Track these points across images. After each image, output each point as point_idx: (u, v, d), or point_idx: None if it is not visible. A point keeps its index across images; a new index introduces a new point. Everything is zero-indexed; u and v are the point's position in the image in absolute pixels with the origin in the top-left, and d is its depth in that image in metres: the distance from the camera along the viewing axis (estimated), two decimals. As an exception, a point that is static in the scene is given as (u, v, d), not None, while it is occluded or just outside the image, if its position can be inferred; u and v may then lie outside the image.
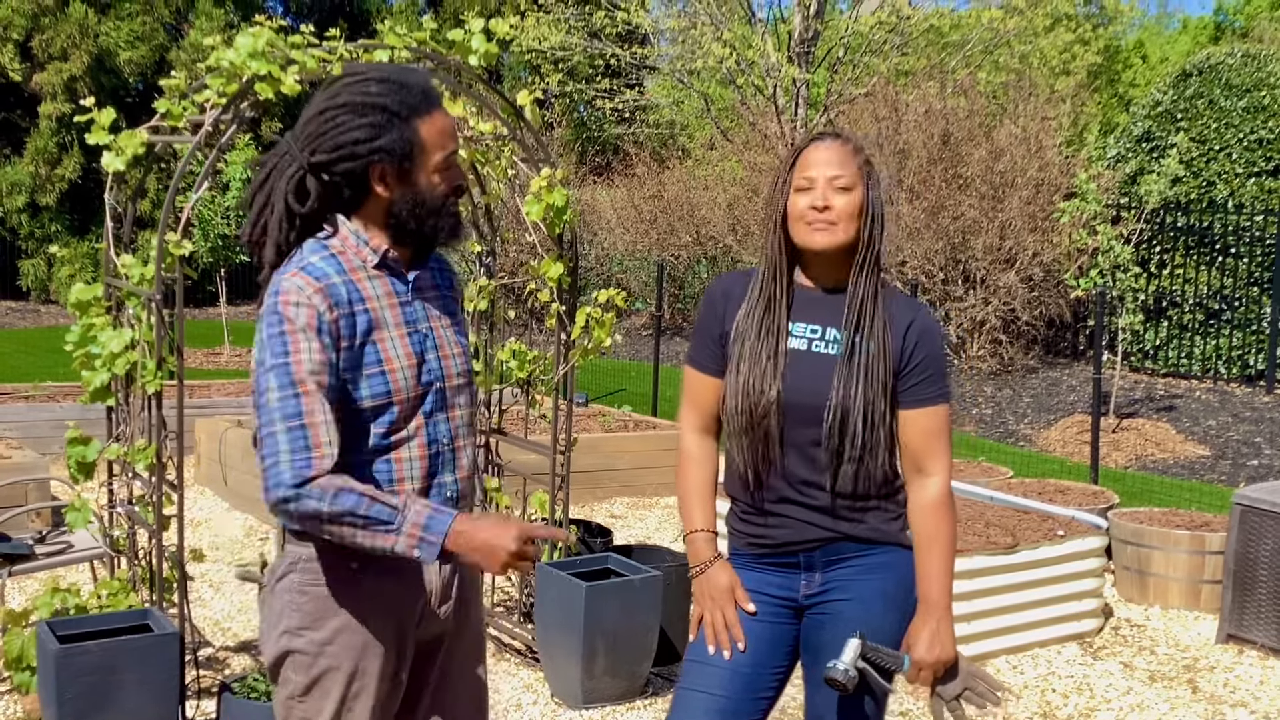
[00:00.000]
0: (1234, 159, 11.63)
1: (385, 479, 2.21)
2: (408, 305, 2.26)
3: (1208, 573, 5.66)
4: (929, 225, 12.43)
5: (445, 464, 2.29)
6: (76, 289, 3.98)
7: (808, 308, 2.44)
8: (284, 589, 2.25)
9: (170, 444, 3.92)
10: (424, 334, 2.27)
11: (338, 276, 2.17)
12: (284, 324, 2.10)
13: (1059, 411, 10.88)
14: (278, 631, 2.26)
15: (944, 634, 2.37)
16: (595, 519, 6.80)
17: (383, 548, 2.07)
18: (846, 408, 2.36)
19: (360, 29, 23.39)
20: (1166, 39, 30.94)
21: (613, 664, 4.32)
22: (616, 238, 18.22)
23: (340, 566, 2.22)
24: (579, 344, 4.67)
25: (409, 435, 2.22)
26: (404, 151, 2.17)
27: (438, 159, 2.20)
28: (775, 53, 17.30)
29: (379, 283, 2.22)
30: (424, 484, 2.25)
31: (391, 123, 2.15)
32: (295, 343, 2.09)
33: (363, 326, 2.17)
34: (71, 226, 19.74)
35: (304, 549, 2.24)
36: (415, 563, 2.26)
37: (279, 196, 2.20)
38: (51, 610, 3.88)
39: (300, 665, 2.24)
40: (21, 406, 8.53)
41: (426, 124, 2.18)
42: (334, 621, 2.23)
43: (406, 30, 4.17)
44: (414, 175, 2.20)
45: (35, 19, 19.00)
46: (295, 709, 2.28)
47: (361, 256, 2.22)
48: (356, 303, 2.17)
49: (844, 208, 2.36)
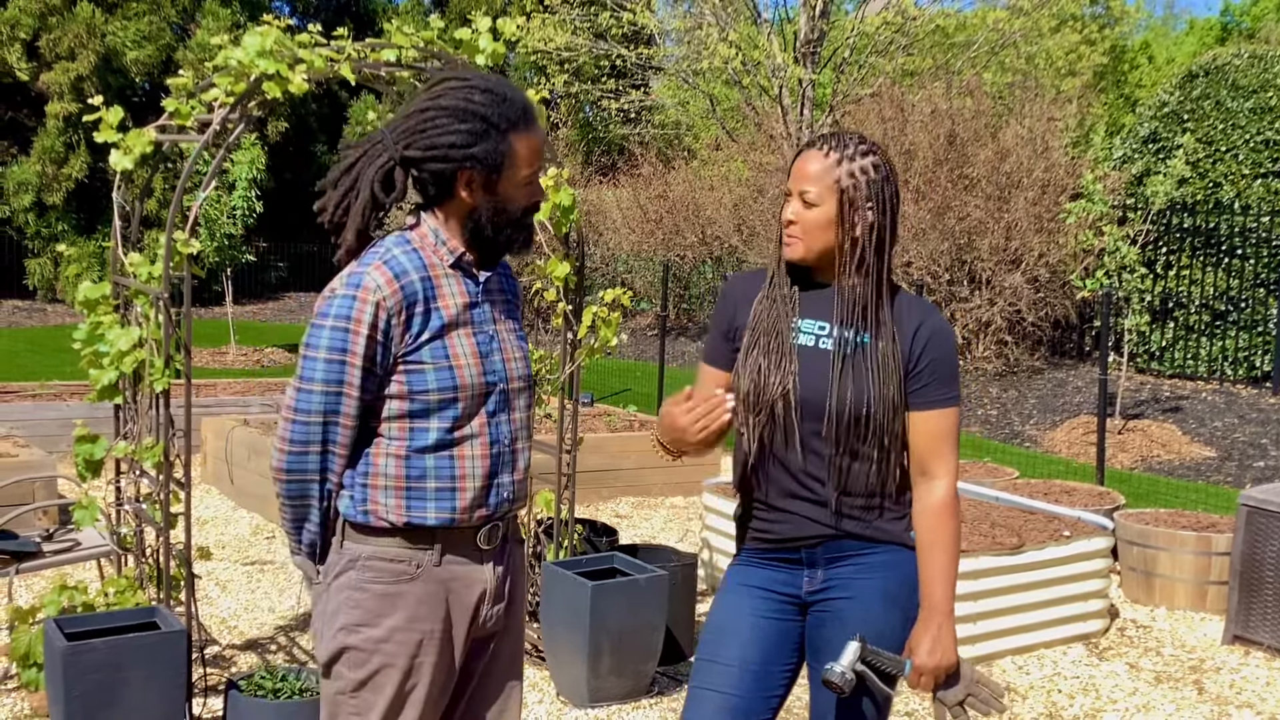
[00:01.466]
0: (1240, 160, 11.61)
1: (447, 475, 2.26)
2: (477, 306, 2.32)
3: (1214, 574, 5.65)
4: (934, 226, 12.42)
5: (505, 464, 2.34)
6: (84, 287, 3.99)
7: (815, 305, 2.45)
8: (341, 586, 2.29)
9: (178, 442, 3.93)
10: (490, 335, 2.33)
11: (416, 273, 2.24)
12: (351, 323, 2.18)
13: (1065, 412, 10.87)
14: (334, 628, 2.29)
15: (946, 639, 2.36)
16: (600, 518, 6.80)
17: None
18: (848, 404, 2.36)
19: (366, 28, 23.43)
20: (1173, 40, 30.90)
21: (618, 663, 4.32)
22: (622, 238, 18.24)
23: (399, 566, 2.27)
24: (585, 343, 4.67)
25: (473, 434, 2.28)
26: (495, 162, 2.23)
27: (525, 174, 2.27)
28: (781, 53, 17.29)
29: (453, 281, 2.29)
30: (484, 483, 2.30)
31: (489, 133, 2.21)
32: (354, 342, 2.19)
33: (435, 323, 2.24)
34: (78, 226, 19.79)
35: (363, 547, 2.28)
36: (472, 564, 2.32)
37: (365, 183, 2.26)
38: (59, 608, 3.89)
39: (355, 662, 2.28)
40: (28, 405, 8.55)
41: (521, 140, 2.24)
42: (391, 620, 2.26)
43: (414, 30, 4.17)
44: (500, 186, 2.26)
45: (42, 18, 19.04)
46: (345, 704, 2.30)
47: (439, 255, 2.29)
48: (432, 300, 2.25)
49: (807, 222, 2.38)
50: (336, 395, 2.21)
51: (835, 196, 2.36)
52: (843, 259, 2.39)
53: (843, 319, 2.40)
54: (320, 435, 2.23)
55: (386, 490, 2.25)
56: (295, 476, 2.26)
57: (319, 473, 2.26)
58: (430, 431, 2.24)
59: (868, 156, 2.38)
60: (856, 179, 2.36)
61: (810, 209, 2.37)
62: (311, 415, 2.22)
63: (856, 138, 2.40)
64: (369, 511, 2.26)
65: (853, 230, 2.37)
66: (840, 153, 2.37)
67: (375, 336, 2.19)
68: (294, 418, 2.22)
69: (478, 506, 2.30)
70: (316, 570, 2.35)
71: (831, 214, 2.37)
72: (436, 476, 2.25)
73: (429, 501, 2.25)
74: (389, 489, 2.25)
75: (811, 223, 2.37)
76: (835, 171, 2.36)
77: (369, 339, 2.19)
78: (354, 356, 2.19)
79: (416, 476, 2.25)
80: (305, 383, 2.21)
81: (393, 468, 2.25)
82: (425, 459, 2.25)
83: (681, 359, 14.93)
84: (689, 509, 7.71)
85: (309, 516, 2.30)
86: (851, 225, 2.37)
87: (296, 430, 2.23)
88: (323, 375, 2.20)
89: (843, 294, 2.40)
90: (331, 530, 2.32)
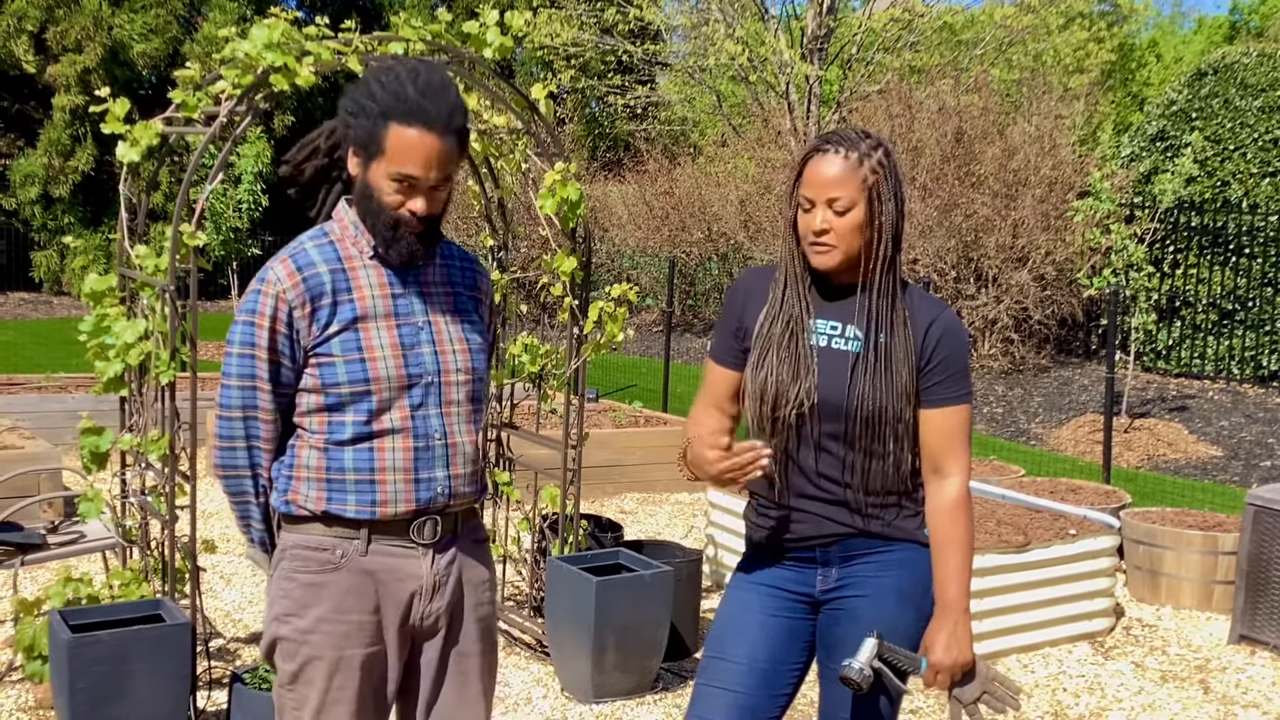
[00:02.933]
0: (1249, 159, 11.58)
1: (366, 468, 2.24)
2: (401, 297, 2.28)
3: (1220, 573, 5.64)
4: (941, 223, 12.39)
5: (436, 459, 2.28)
6: (91, 279, 3.99)
7: (830, 304, 2.43)
8: (277, 576, 2.30)
9: (183, 435, 3.93)
10: (419, 327, 2.29)
11: (325, 265, 2.24)
12: (256, 316, 2.21)
13: (1071, 411, 10.85)
14: (269, 618, 2.31)
15: (961, 636, 2.35)
16: (606, 514, 6.80)
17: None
18: (867, 403, 2.35)
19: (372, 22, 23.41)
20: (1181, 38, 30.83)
21: (623, 659, 4.32)
22: (628, 234, 18.22)
23: (324, 556, 2.25)
24: (591, 339, 4.66)
25: (394, 427, 2.24)
26: (365, 141, 2.19)
27: (393, 169, 2.17)
28: (788, 50, 17.26)
29: (373, 272, 2.27)
30: (408, 476, 2.26)
31: (369, 111, 2.18)
32: (259, 335, 2.21)
33: (346, 315, 2.23)
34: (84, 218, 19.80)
35: (292, 537, 2.28)
36: (404, 557, 2.29)
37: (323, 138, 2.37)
38: (64, 600, 3.89)
39: (286, 653, 2.28)
40: (34, 397, 8.56)
41: (397, 132, 2.15)
42: (316, 610, 2.25)
43: (421, 23, 4.16)
44: (370, 171, 2.21)
45: (50, 11, 19.06)
46: (285, 696, 2.30)
47: (358, 246, 2.28)
48: (342, 292, 2.23)
49: (841, 229, 2.34)
50: (251, 390, 2.23)
51: (864, 197, 2.33)
52: (870, 257, 2.37)
53: (865, 318, 2.38)
54: (243, 430, 2.25)
55: (308, 481, 2.25)
56: (229, 472, 2.28)
57: (250, 468, 2.28)
58: (346, 425, 2.22)
59: (878, 149, 2.36)
60: (879, 174, 2.34)
61: (842, 215, 2.33)
62: (232, 410, 2.24)
63: (862, 133, 2.38)
64: (290, 500, 2.26)
65: (881, 227, 2.36)
66: (857, 151, 2.33)
67: (278, 329, 2.20)
68: (219, 414, 2.26)
69: (402, 501, 2.25)
70: (269, 562, 2.36)
71: (861, 217, 2.34)
72: (355, 469, 2.23)
73: (349, 494, 2.24)
74: (310, 480, 2.25)
75: (846, 229, 2.33)
76: (860, 172, 2.33)
77: (271, 331, 2.20)
78: (260, 350, 2.21)
79: (336, 469, 2.23)
80: (225, 378, 2.25)
81: (314, 460, 2.24)
82: (344, 452, 2.23)
83: (687, 355, 14.92)
84: (694, 505, 7.70)
85: (250, 512, 2.32)
86: (880, 223, 2.35)
87: (222, 426, 2.26)
88: (237, 370, 2.23)
89: (870, 292, 2.38)
90: (276, 524, 2.34)
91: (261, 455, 2.27)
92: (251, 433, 2.25)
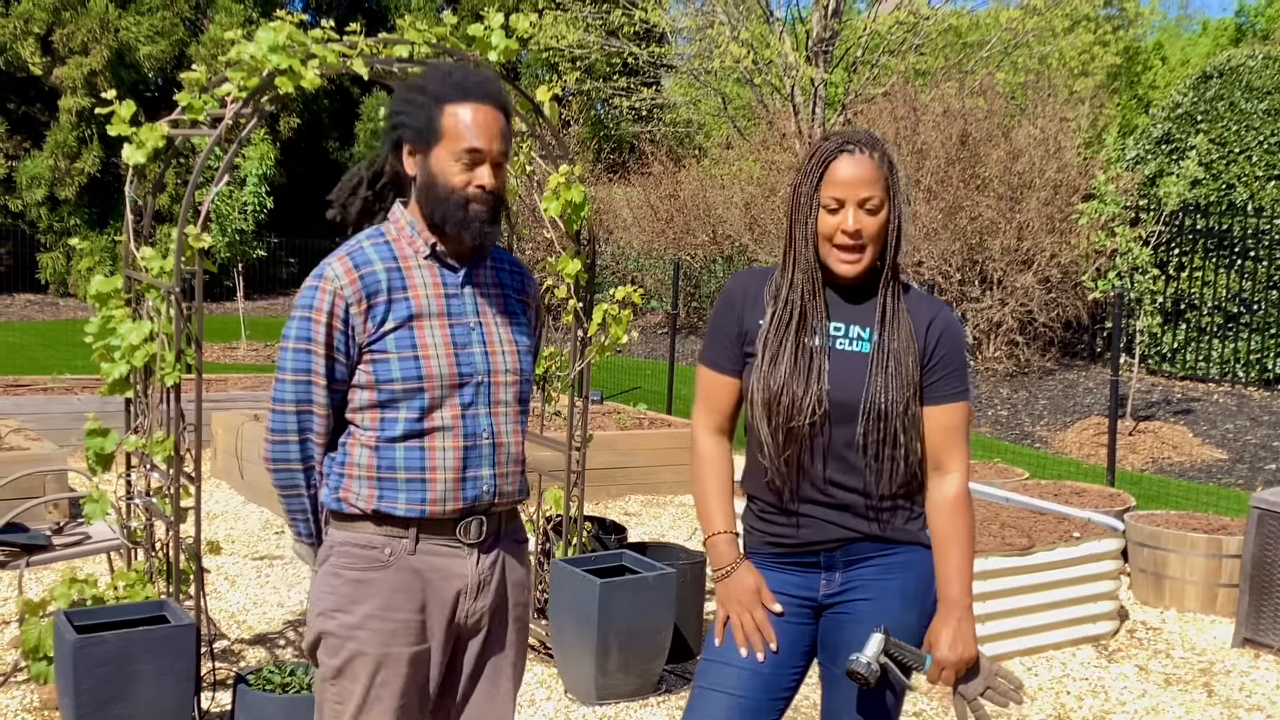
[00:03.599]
0: (1254, 162, 11.57)
1: (417, 466, 2.27)
2: (455, 297, 2.32)
3: (1224, 576, 5.63)
4: (946, 226, 12.39)
5: (483, 458, 2.32)
6: (97, 281, 4.00)
7: (832, 307, 2.43)
8: (324, 572, 2.32)
9: (188, 436, 3.94)
10: (470, 327, 2.32)
11: (382, 264, 2.27)
12: (313, 312, 2.24)
13: (1075, 413, 10.84)
14: (314, 614, 2.32)
15: (965, 633, 2.36)
16: (610, 516, 6.80)
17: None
18: (881, 406, 2.35)
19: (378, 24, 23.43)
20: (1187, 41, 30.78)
21: (626, 661, 4.32)
22: (632, 236, 18.22)
23: (373, 554, 2.28)
24: (595, 341, 4.67)
25: (444, 425, 2.28)
26: (422, 129, 2.24)
27: (457, 148, 2.23)
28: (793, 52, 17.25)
29: (428, 272, 2.30)
30: (457, 475, 2.29)
31: (421, 101, 2.24)
32: (316, 330, 2.23)
33: (401, 313, 2.26)
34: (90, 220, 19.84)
35: (341, 534, 2.31)
36: (451, 556, 2.32)
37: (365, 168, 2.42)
38: (69, 601, 3.90)
39: (331, 648, 2.30)
40: (40, 398, 8.58)
41: (452, 112, 2.23)
42: (364, 607, 2.27)
43: (426, 26, 4.17)
44: (431, 158, 2.26)
45: (56, 13, 19.09)
46: (328, 690, 2.32)
47: (414, 246, 2.31)
48: (398, 290, 2.26)
49: (873, 229, 2.34)
50: (306, 384, 2.25)
51: (890, 199, 2.35)
52: (885, 257, 2.39)
53: (878, 318, 2.39)
54: (296, 424, 2.27)
55: (359, 479, 2.28)
56: (280, 466, 2.30)
57: (302, 462, 2.30)
58: (399, 422, 2.26)
59: (886, 151, 2.38)
60: (893, 175, 2.37)
61: (874, 215, 2.33)
62: (286, 405, 2.27)
63: (870, 135, 2.38)
64: (341, 499, 2.29)
65: (897, 228, 2.38)
66: (878, 152, 2.35)
67: (335, 324, 2.23)
68: (273, 408, 2.29)
69: (450, 499, 2.29)
70: (315, 557, 2.38)
71: (888, 216, 2.36)
72: (406, 467, 2.26)
73: (399, 492, 2.27)
74: (361, 478, 2.27)
75: (878, 228, 2.34)
76: (883, 171, 2.34)
77: (328, 327, 2.23)
78: (317, 345, 2.24)
79: (387, 466, 2.26)
80: (280, 373, 2.28)
81: (365, 457, 2.27)
82: (395, 449, 2.26)
83: (691, 357, 14.92)
84: (698, 507, 7.70)
85: (303, 506, 2.34)
86: (898, 224, 2.37)
87: (275, 420, 2.28)
88: (292, 365, 2.26)
89: (884, 293, 2.39)
90: (326, 519, 2.36)
91: (314, 449, 2.30)
92: (305, 426, 2.27)
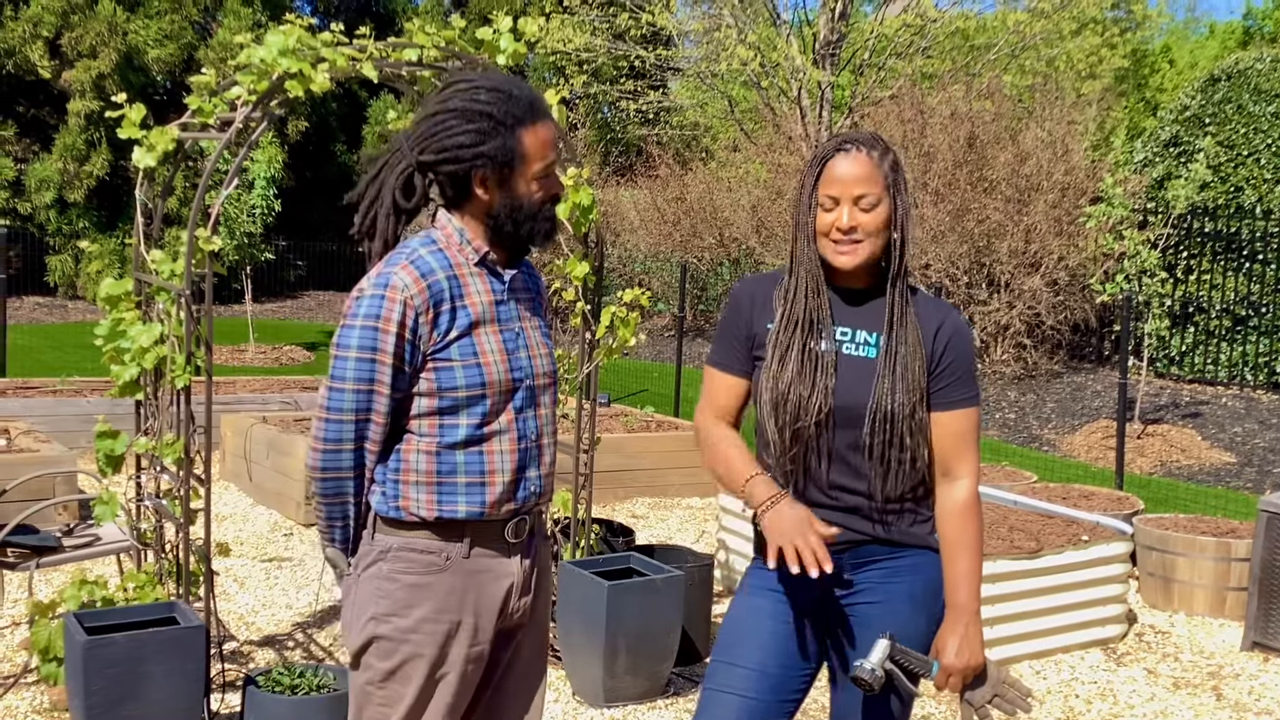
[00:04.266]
0: (1262, 164, 11.55)
1: (477, 470, 2.30)
2: (503, 304, 2.36)
3: (1233, 580, 5.62)
4: (953, 228, 12.38)
5: (532, 459, 2.38)
6: (107, 284, 4.02)
7: (839, 310, 2.44)
8: (371, 576, 2.32)
9: (198, 438, 3.95)
10: (516, 332, 2.37)
11: (442, 272, 2.28)
12: (381, 321, 2.22)
13: (1084, 417, 10.83)
14: (365, 618, 2.32)
15: (973, 639, 2.36)
16: (617, 519, 6.80)
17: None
18: (888, 410, 2.35)
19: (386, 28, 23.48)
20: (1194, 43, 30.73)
21: (634, 663, 4.32)
22: (639, 239, 18.23)
23: (430, 558, 2.30)
24: (603, 343, 4.67)
25: (501, 429, 2.32)
26: (505, 159, 2.26)
27: (537, 168, 2.29)
28: (800, 55, 17.26)
29: (479, 280, 2.33)
30: (513, 477, 2.34)
31: (497, 130, 2.25)
32: (384, 340, 2.23)
33: (463, 321, 2.28)
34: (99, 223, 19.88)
35: (394, 539, 2.32)
36: (500, 557, 2.35)
37: (388, 191, 2.31)
38: (79, 602, 3.91)
39: (384, 651, 2.31)
40: (50, 400, 8.60)
41: (529, 134, 2.27)
42: (419, 610, 2.30)
43: (435, 30, 4.18)
44: (513, 181, 2.29)
45: (65, 16, 19.14)
46: (374, 694, 2.33)
47: (464, 254, 2.32)
48: (458, 298, 2.28)
49: (868, 225, 2.35)
50: (368, 393, 2.25)
51: (889, 197, 2.36)
52: (890, 260, 2.39)
53: (886, 322, 2.39)
54: (353, 433, 2.27)
55: (418, 485, 2.29)
56: (330, 474, 2.30)
57: (353, 469, 2.30)
58: (460, 428, 2.28)
59: (889, 151, 2.39)
60: (895, 175, 2.38)
61: (869, 212, 2.34)
62: (344, 414, 2.26)
63: (872, 136, 2.40)
64: (400, 507, 2.30)
65: (901, 228, 2.38)
66: (877, 151, 2.36)
67: (404, 335, 2.23)
68: (327, 416, 2.26)
69: (506, 500, 2.33)
70: (348, 562, 2.38)
71: (886, 215, 2.36)
72: (466, 471, 2.29)
73: (459, 496, 2.29)
74: (420, 484, 2.29)
75: (873, 226, 2.35)
76: (882, 169, 2.35)
77: (398, 337, 2.22)
78: (384, 355, 2.23)
79: (447, 472, 2.28)
80: (337, 382, 2.25)
81: (424, 463, 2.28)
82: (455, 454, 2.28)
83: (698, 360, 14.92)
84: (706, 510, 7.71)
85: (346, 513, 2.34)
86: (900, 223, 2.38)
87: (330, 429, 2.27)
88: (354, 374, 2.24)
89: (890, 296, 2.39)
90: (363, 523, 2.36)
91: (368, 456, 2.30)
92: (362, 434, 2.27)
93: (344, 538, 2.37)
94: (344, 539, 2.37)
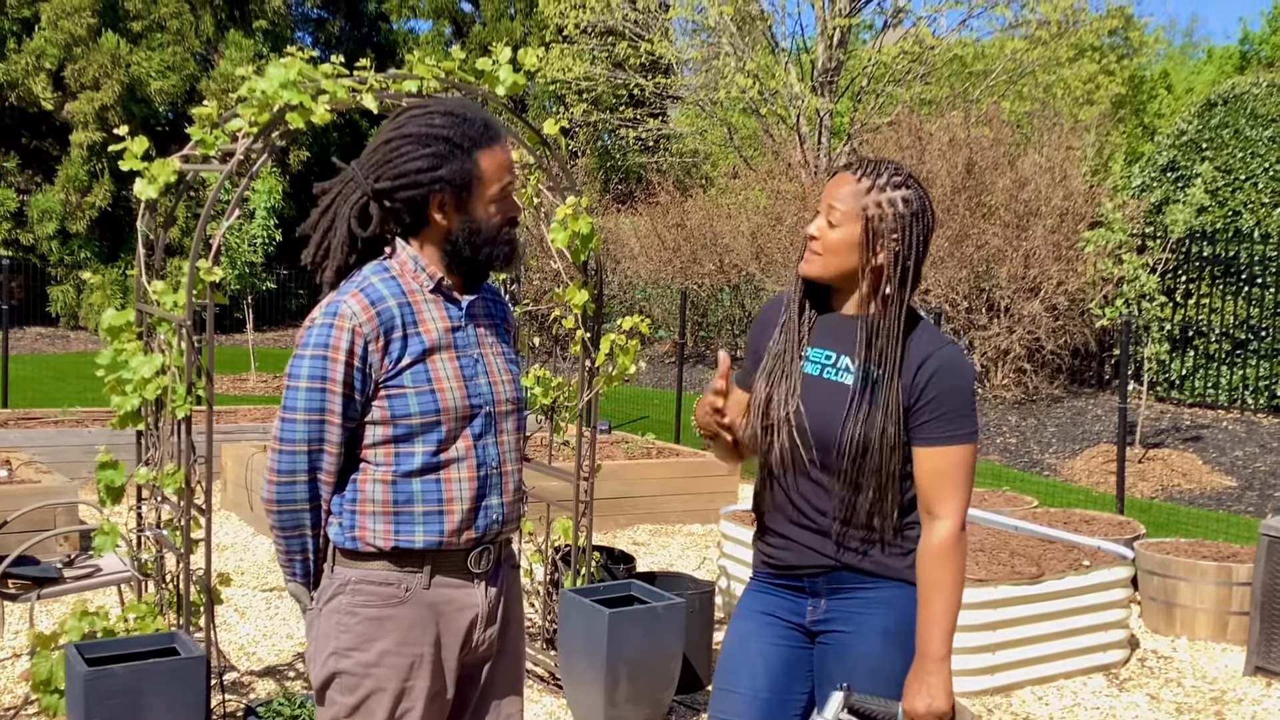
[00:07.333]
0: (1260, 188, 11.59)
1: (435, 498, 2.27)
2: (460, 330, 2.34)
3: (1235, 604, 5.61)
4: (953, 254, 12.41)
5: (493, 487, 2.35)
6: (109, 315, 4.03)
7: (826, 333, 2.45)
8: (332, 610, 2.30)
9: (199, 468, 3.96)
10: (475, 358, 2.35)
11: (394, 300, 2.26)
12: (330, 350, 2.21)
13: (1084, 441, 10.82)
14: (325, 653, 2.30)
15: (936, 685, 2.31)
16: (618, 546, 6.80)
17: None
18: (854, 436, 2.35)
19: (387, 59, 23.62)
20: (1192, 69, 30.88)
21: (635, 691, 4.31)
22: (640, 266, 18.27)
23: (389, 590, 2.28)
24: (603, 371, 4.69)
25: (459, 456, 2.29)
26: (463, 182, 2.25)
27: (494, 190, 2.29)
28: (798, 83, 17.35)
29: (434, 306, 2.31)
30: (473, 505, 2.31)
31: (454, 153, 2.24)
32: (333, 369, 2.21)
33: (416, 348, 2.26)
34: (101, 253, 19.95)
35: (353, 571, 2.29)
36: (463, 587, 2.33)
37: (342, 220, 2.30)
38: (80, 633, 3.91)
39: (347, 686, 2.29)
40: (51, 431, 8.61)
41: (486, 156, 2.27)
42: (381, 644, 2.27)
43: (435, 61, 4.22)
44: (471, 205, 2.28)
45: (68, 49, 19.28)
46: None
47: (419, 281, 2.31)
48: (411, 325, 2.27)
49: (830, 241, 2.38)
50: (320, 423, 2.23)
51: (860, 223, 2.36)
52: (862, 287, 2.40)
53: (858, 351, 2.39)
54: (307, 464, 2.25)
55: (374, 515, 2.26)
56: (286, 507, 2.28)
57: (309, 501, 2.28)
58: (415, 455, 2.26)
59: (900, 190, 2.36)
60: (883, 209, 2.35)
61: (832, 229, 2.38)
62: (296, 445, 2.24)
63: (894, 168, 2.39)
64: (357, 537, 2.27)
65: (874, 259, 2.37)
66: (872, 180, 2.37)
67: (353, 363, 2.22)
68: (280, 448, 2.25)
69: (466, 529, 2.30)
70: (310, 596, 2.36)
71: (854, 238, 2.36)
72: (424, 500, 2.27)
73: (416, 525, 2.27)
74: (377, 514, 2.26)
75: (832, 242, 2.38)
76: (863, 199, 2.36)
77: (347, 365, 2.21)
78: (334, 384, 2.22)
79: (404, 501, 2.26)
80: (289, 412, 2.24)
81: (380, 493, 2.26)
82: (412, 483, 2.26)
83: (699, 387, 14.92)
84: (706, 536, 7.70)
85: (304, 545, 2.32)
86: (874, 254, 2.37)
87: (284, 460, 2.25)
88: (305, 404, 2.23)
89: (865, 325, 2.39)
90: (323, 556, 2.34)
91: (323, 488, 2.28)
92: (315, 465, 2.26)
93: (304, 571, 2.34)
94: (304, 573, 2.35)
